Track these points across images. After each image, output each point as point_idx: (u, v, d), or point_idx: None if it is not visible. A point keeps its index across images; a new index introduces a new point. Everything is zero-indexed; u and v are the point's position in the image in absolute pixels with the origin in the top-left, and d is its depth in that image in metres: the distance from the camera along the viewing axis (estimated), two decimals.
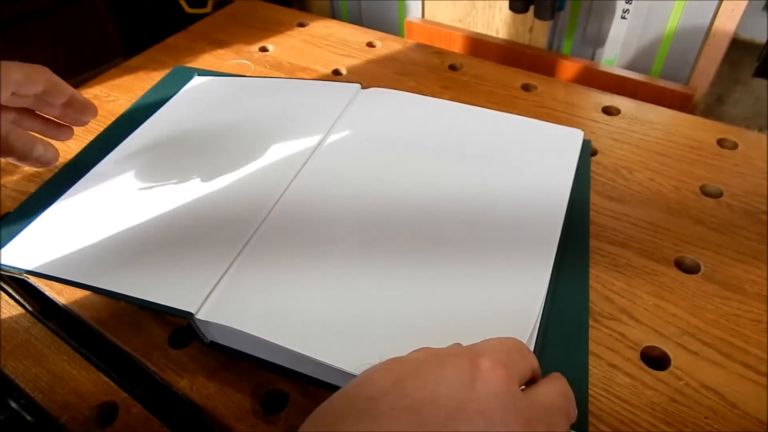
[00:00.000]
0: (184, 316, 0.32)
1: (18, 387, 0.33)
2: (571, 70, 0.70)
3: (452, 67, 0.58)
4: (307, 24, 0.67)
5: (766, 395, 0.30)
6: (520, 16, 0.73)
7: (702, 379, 0.31)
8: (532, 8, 0.69)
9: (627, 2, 0.65)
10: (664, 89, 0.64)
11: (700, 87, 0.65)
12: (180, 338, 0.35)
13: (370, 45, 0.63)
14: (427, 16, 0.83)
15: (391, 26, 0.87)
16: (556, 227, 0.37)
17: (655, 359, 0.32)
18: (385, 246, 0.36)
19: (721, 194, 0.42)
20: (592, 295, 0.35)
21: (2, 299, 0.38)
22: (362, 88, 0.51)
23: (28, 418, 0.33)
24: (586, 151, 0.44)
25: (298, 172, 0.42)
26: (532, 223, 0.37)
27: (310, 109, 0.49)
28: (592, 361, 0.32)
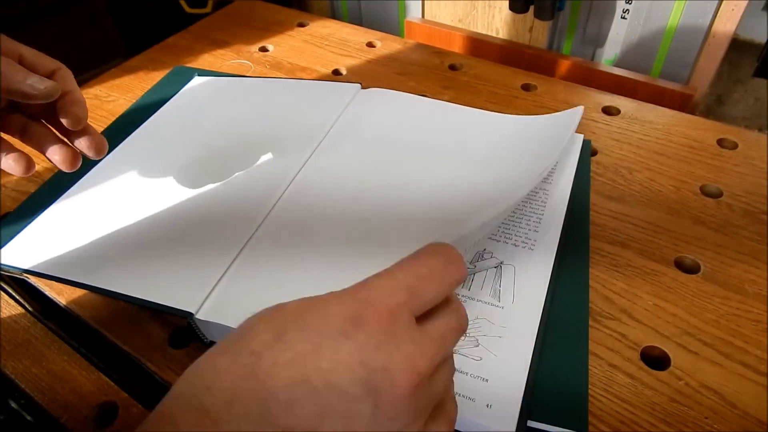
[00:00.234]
0: (184, 316, 0.32)
1: (18, 387, 0.33)
2: (571, 70, 0.70)
3: (452, 67, 0.58)
4: (307, 24, 0.67)
5: (766, 395, 0.30)
6: (520, 16, 0.73)
7: (702, 379, 0.31)
8: (532, 8, 0.69)
9: (627, 2, 0.65)
10: (664, 89, 0.64)
11: (700, 87, 0.65)
12: (180, 338, 0.35)
13: (370, 45, 0.63)
14: (427, 16, 0.83)
15: (391, 26, 0.87)
16: (556, 227, 0.37)
17: (655, 359, 0.32)
18: (385, 246, 0.37)
19: (721, 194, 0.42)
20: (592, 295, 0.35)
21: (2, 299, 0.38)
22: (362, 88, 0.51)
23: (28, 418, 0.33)
24: (586, 151, 0.45)
25: (298, 172, 0.42)
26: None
27: (310, 109, 0.49)
28: (592, 361, 0.32)
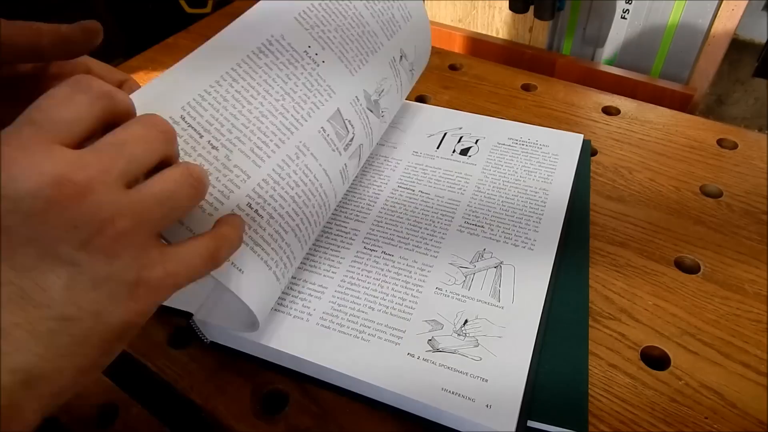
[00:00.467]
0: (184, 316, 0.32)
1: None
2: (571, 70, 0.70)
3: (452, 67, 0.58)
4: None
5: (766, 395, 0.30)
6: (520, 16, 0.73)
7: (702, 379, 0.31)
8: (532, 8, 0.69)
9: (627, 2, 0.65)
10: (664, 89, 0.64)
11: (700, 87, 0.65)
12: (180, 338, 0.35)
13: None
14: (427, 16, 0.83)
15: None
16: (556, 227, 0.37)
17: (655, 359, 0.32)
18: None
19: (721, 194, 0.42)
20: (592, 295, 0.35)
21: None
22: None
23: None
24: (586, 152, 0.45)
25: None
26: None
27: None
28: (592, 361, 0.32)
